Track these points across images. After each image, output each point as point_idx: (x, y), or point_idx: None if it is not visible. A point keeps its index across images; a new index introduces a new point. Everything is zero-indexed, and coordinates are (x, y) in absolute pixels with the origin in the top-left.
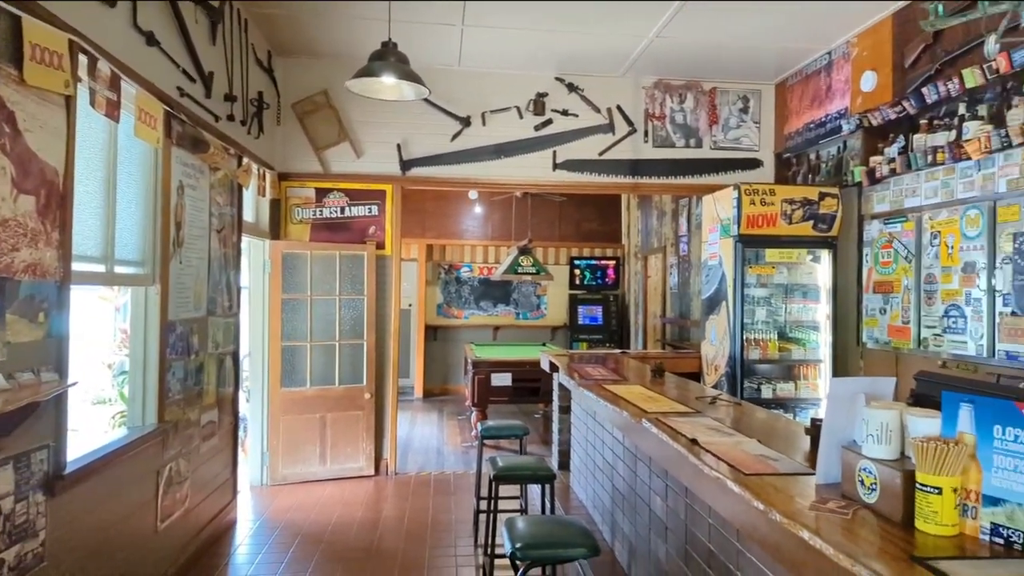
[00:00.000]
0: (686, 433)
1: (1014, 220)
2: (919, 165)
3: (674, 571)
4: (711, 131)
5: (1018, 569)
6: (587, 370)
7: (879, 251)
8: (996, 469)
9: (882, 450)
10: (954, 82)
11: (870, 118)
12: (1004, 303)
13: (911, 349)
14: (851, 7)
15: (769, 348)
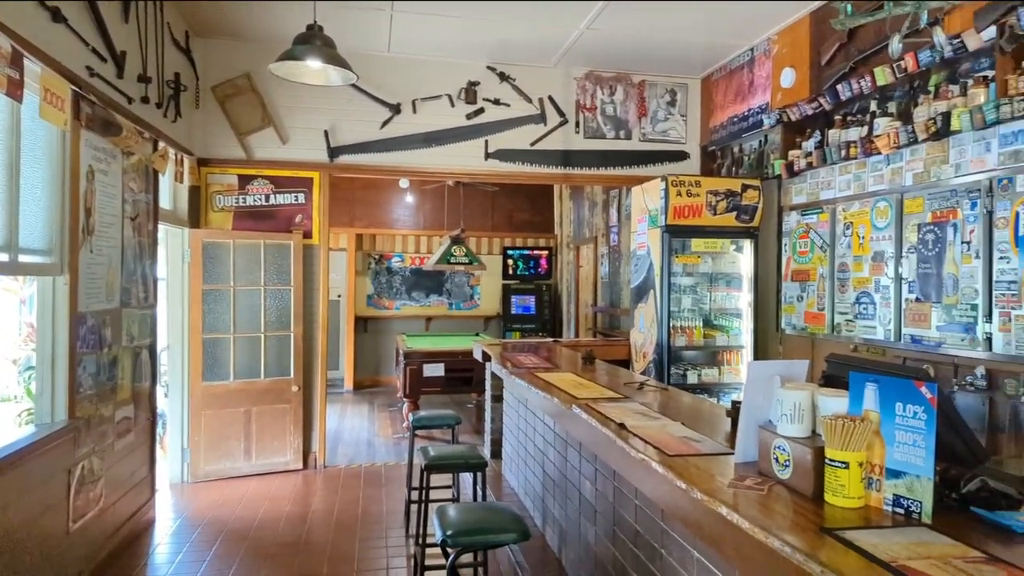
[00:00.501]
0: (615, 418)
1: (919, 212)
2: (834, 159)
3: (603, 552)
4: (640, 123)
5: (917, 536)
6: (519, 359)
7: (797, 241)
8: (898, 444)
9: (795, 428)
10: (866, 80)
11: (789, 113)
12: (909, 290)
13: (826, 334)
14: (771, 6)
15: (695, 335)
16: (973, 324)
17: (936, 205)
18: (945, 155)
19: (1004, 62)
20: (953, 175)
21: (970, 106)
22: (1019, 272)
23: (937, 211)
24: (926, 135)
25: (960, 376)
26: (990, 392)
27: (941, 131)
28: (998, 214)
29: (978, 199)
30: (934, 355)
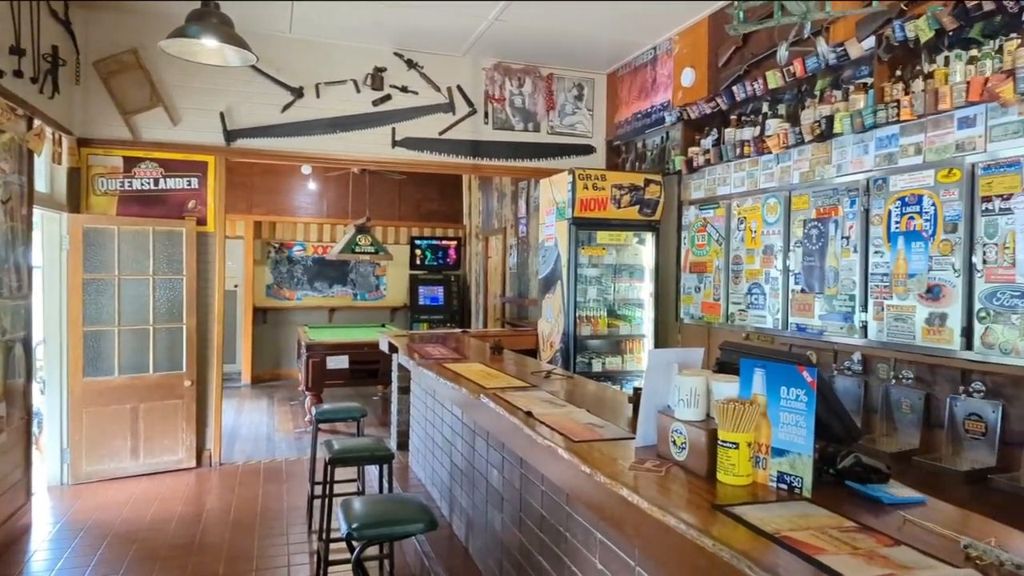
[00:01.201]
0: (522, 406)
1: (805, 208)
2: (729, 157)
3: (509, 539)
4: (548, 116)
5: (798, 509)
6: (427, 350)
7: (695, 234)
8: (782, 425)
9: (691, 412)
10: (759, 83)
11: (689, 111)
12: (795, 282)
13: (721, 323)
14: (672, 6)
15: (599, 324)
16: (851, 313)
17: (820, 202)
18: (828, 156)
19: (881, 70)
20: (835, 175)
21: (851, 111)
22: (891, 265)
23: (821, 208)
24: (812, 137)
25: (839, 361)
26: (865, 376)
27: (825, 133)
28: (873, 211)
29: (856, 197)
30: (817, 342)
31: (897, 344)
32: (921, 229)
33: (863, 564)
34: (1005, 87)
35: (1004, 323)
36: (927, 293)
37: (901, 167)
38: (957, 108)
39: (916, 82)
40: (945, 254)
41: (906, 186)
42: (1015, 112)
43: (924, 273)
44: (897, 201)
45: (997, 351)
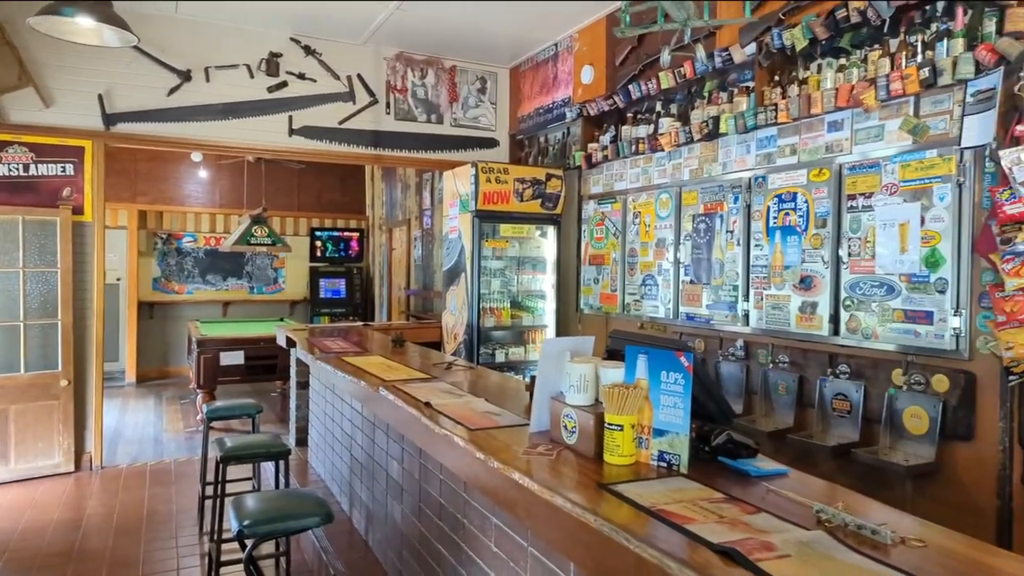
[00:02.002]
0: (420, 397)
1: (693, 204)
2: (625, 153)
3: (409, 529)
4: (452, 108)
5: (675, 484)
6: (327, 344)
7: (594, 228)
8: (662, 407)
9: (581, 398)
10: (653, 83)
11: (588, 108)
12: (685, 273)
13: (618, 313)
14: (572, 5)
15: (503, 316)
16: (735, 303)
17: (707, 198)
18: (715, 154)
19: (762, 75)
20: (721, 172)
21: (734, 112)
22: (769, 258)
23: (708, 203)
24: (700, 136)
25: (724, 348)
26: (747, 361)
27: (712, 133)
28: (755, 207)
29: (740, 194)
30: (705, 330)
31: (774, 331)
32: (795, 224)
33: (726, 530)
34: (868, 94)
35: (865, 311)
36: (800, 283)
37: (779, 166)
38: (827, 113)
39: (792, 87)
40: (816, 247)
41: (783, 184)
42: (876, 117)
43: (798, 265)
44: (775, 198)
45: (859, 336)
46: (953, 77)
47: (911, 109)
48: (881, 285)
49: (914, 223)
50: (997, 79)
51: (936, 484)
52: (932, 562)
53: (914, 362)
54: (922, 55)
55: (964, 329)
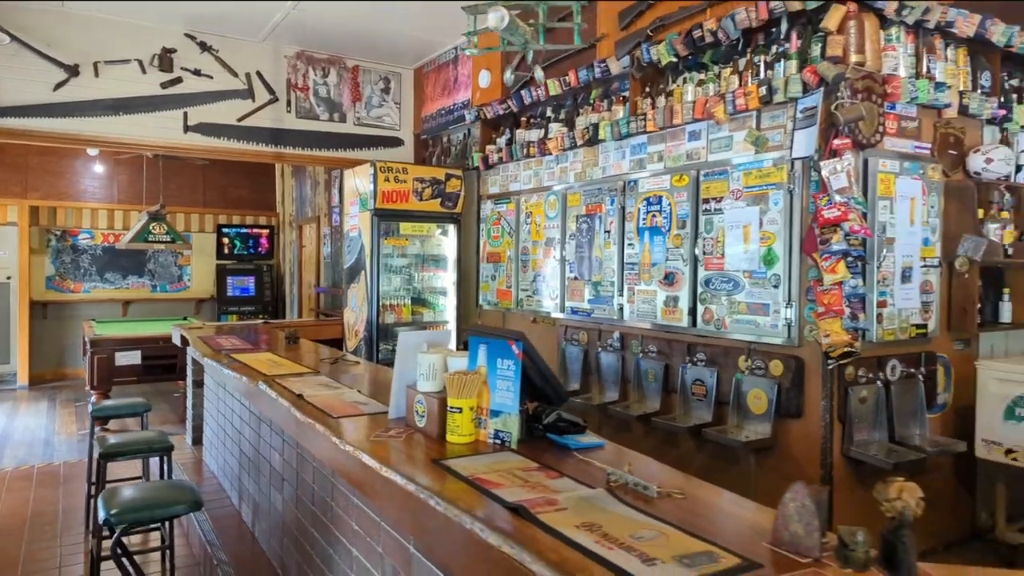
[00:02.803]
0: (295, 390)
1: (577, 205)
2: (518, 156)
3: (289, 517)
4: (355, 108)
5: (502, 458)
6: (219, 342)
7: (491, 227)
8: (498, 390)
9: (430, 385)
10: (542, 89)
11: (486, 111)
12: (570, 270)
13: (513, 309)
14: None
15: (403, 312)
16: (611, 297)
17: (589, 200)
18: (596, 159)
19: (635, 86)
20: (601, 176)
21: (612, 120)
22: (639, 256)
23: (589, 205)
24: (582, 141)
25: (603, 340)
26: (623, 351)
27: (592, 139)
28: (628, 209)
29: (615, 196)
30: (587, 323)
31: (644, 323)
32: (661, 225)
33: (526, 492)
34: (718, 108)
35: (716, 303)
36: (664, 279)
37: (648, 172)
38: (687, 123)
39: (660, 99)
40: (677, 246)
41: (651, 188)
42: (727, 129)
43: (663, 262)
44: (644, 201)
45: (713, 327)
46: (785, 95)
47: (754, 123)
48: (729, 280)
49: (754, 225)
50: (819, 98)
51: (773, 457)
52: (679, 507)
53: (756, 349)
54: (763, 74)
55: (794, 319)
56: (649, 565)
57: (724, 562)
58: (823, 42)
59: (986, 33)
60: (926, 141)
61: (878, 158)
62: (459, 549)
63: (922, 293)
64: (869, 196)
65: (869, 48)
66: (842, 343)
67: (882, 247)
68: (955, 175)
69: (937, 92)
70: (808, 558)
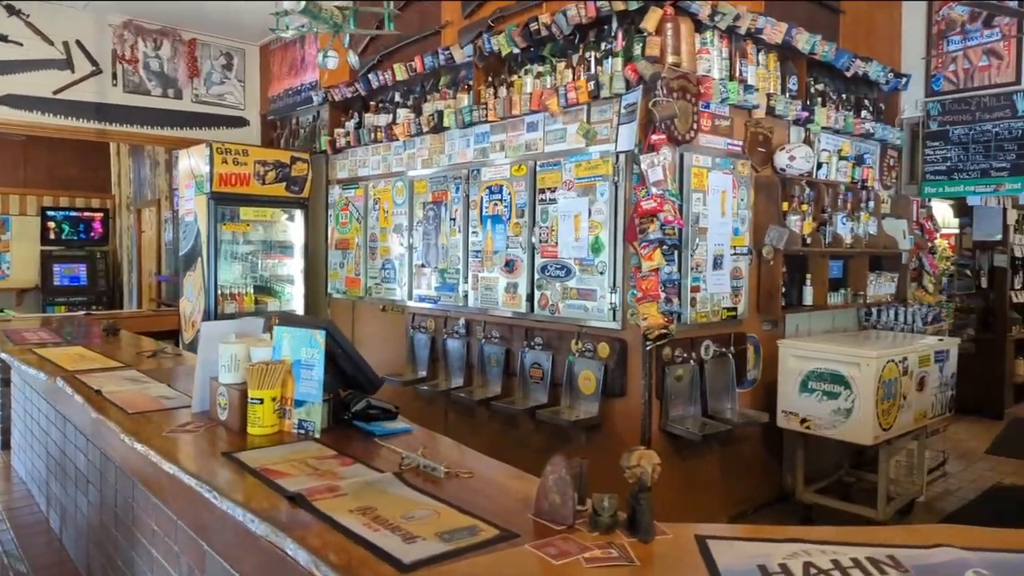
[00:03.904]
0: (95, 386)
1: (424, 192)
2: (365, 141)
3: (95, 520)
4: (192, 84)
5: (301, 447)
6: (25, 336)
7: (339, 213)
8: (302, 380)
9: (232, 376)
10: (389, 73)
11: (334, 94)
12: (418, 258)
13: (362, 297)
14: None
15: (245, 301)
16: (457, 284)
17: (435, 187)
18: (442, 147)
19: (479, 75)
20: (447, 163)
21: (456, 108)
22: (483, 243)
23: (436, 192)
24: (428, 128)
25: (449, 327)
26: (468, 337)
27: (438, 126)
28: (472, 197)
29: (460, 184)
30: (435, 310)
31: (488, 309)
32: (502, 214)
33: (312, 480)
34: (552, 100)
35: (551, 290)
36: (505, 267)
37: (490, 161)
38: (525, 114)
39: (502, 89)
40: (516, 235)
41: (493, 177)
42: (560, 121)
43: (504, 250)
44: (487, 189)
45: (548, 312)
46: (610, 91)
47: (585, 116)
48: (562, 267)
49: (584, 215)
50: (639, 95)
51: (601, 435)
52: (463, 486)
53: (586, 333)
54: (593, 70)
55: (619, 304)
56: (409, 543)
57: (483, 535)
58: (643, 42)
59: (792, 40)
60: (738, 139)
61: (693, 153)
62: (234, 540)
63: (732, 279)
64: (684, 189)
65: (685, 50)
66: (658, 325)
67: (696, 236)
68: (764, 171)
69: (747, 94)
70: (563, 526)
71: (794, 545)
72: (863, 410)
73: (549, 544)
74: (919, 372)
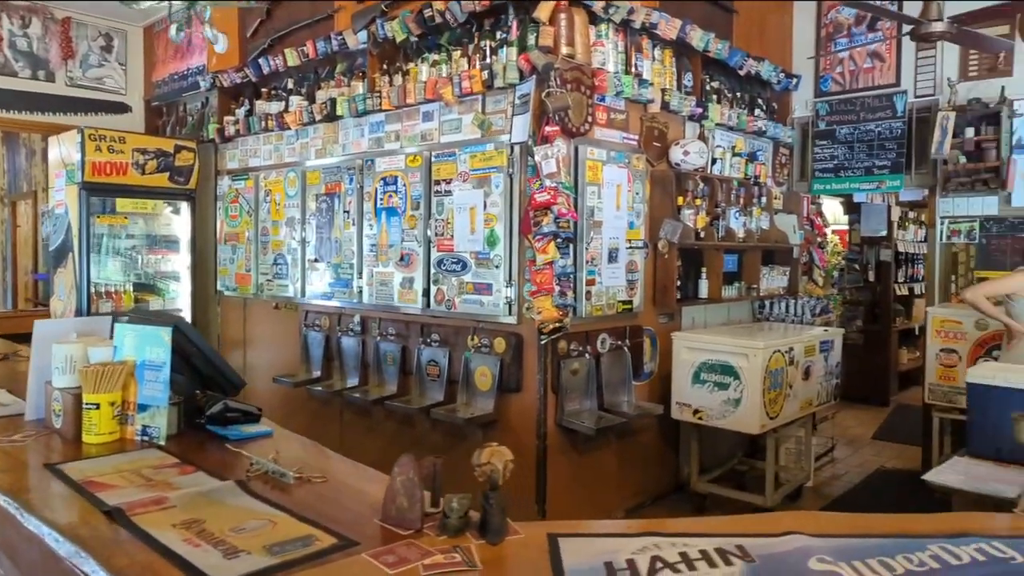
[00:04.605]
0: None
1: (317, 183)
2: (256, 129)
3: None
4: (67, 66)
5: (139, 456)
6: None
7: (229, 205)
8: (147, 382)
9: (67, 380)
10: (280, 59)
11: (222, 79)
12: (311, 252)
13: (253, 294)
14: None
15: (124, 300)
16: (351, 280)
17: (328, 178)
18: (336, 136)
19: (373, 62)
20: (341, 153)
21: (350, 96)
22: (377, 236)
23: (329, 183)
24: (321, 117)
25: (344, 324)
26: (363, 335)
27: (331, 115)
28: (367, 189)
29: (354, 175)
30: (329, 307)
31: (383, 305)
32: (397, 206)
33: (140, 491)
34: (446, 89)
35: (447, 284)
36: (400, 261)
37: (385, 151)
38: (421, 104)
39: (397, 77)
40: (412, 228)
41: (387, 168)
42: (456, 111)
43: (399, 244)
44: (381, 181)
45: (444, 307)
46: (504, 81)
47: (480, 106)
48: (458, 261)
49: (479, 207)
50: (531, 86)
51: (498, 431)
52: (311, 492)
53: (482, 328)
54: (489, 59)
55: (514, 298)
56: (231, 558)
57: (318, 544)
58: (537, 32)
59: (686, 37)
60: (633, 133)
61: (588, 146)
62: (40, 561)
63: (628, 272)
64: (579, 182)
65: (580, 42)
66: (553, 319)
67: (590, 229)
68: (659, 165)
69: (641, 88)
70: (410, 530)
71: (647, 539)
72: (751, 400)
73: (389, 551)
74: (805, 362)
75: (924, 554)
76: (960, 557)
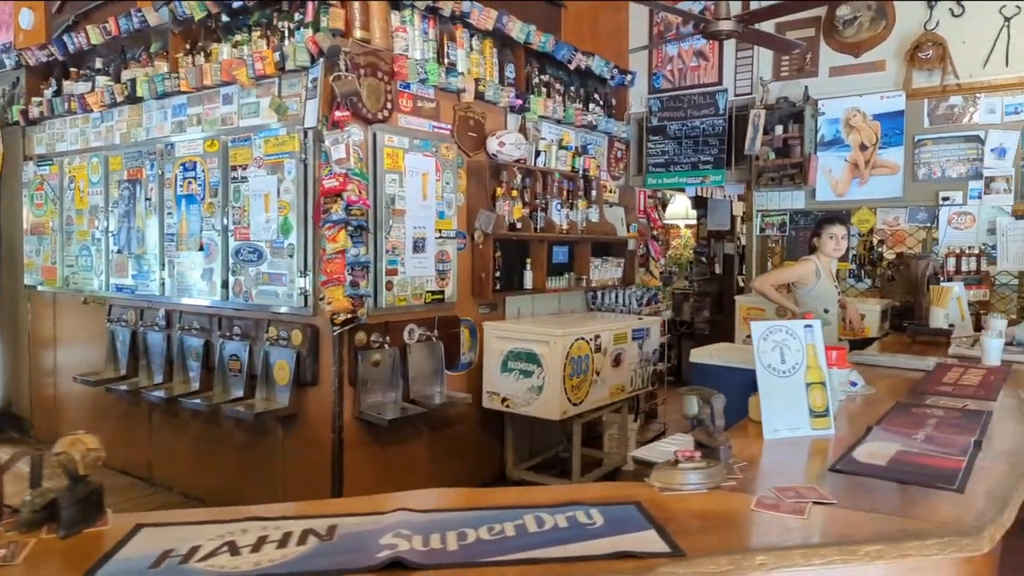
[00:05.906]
0: None
1: (120, 169)
2: (59, 111)
3: None
4: None
5: None
6: None
7: (34, 193)
8: None
9: None
10: (84, 36)
11: (27, 57)
12: (115, 243)
13: (59, 288)
14: None
15: None
16: (154, 271)
17: (130, 164)
18: (140, 119)
19: (176, 41)
20: (144, 138)
21: (151, 76)
22: (178, 225)
23: (131, 169)
24: (123, 98)
25: (147, 318)
26: (169, 330)
27: (131, 96)
28: (167, 175)
29: (155, 160)
30: (134, 301)
31: (186, 298)
32: (196, 193)
33: None
34: (241, 71)
35: (245, 275)
36: (200, 251)
37: (187, 135)
38: (219, 85)
39: (200, 57)
40: (211, 215)
41: (187, 153)
42: (254, 94)
43: (199, 233)
44: (181, 166)
45: (242, 299)
46: (295, 63)
47: (276, 90)
48: (255, 251)
49: (273, 194)
50: (320, 69)
51: (297, 426)
52: None
53: (279, 320)
54: (286, 40)
55: (309, 288)
56: None
57: None
58: (328, 14)
59: (504, 28)
60: (445, 122)
61: (388, 134)
62: None
63: (438, 262)
64: (377, 169)
65: (377, 27)
66: (344, 309)
67: (391, 218)
68: (477, 156)
69: (450, 77)
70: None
71: (242, 524)
72: (552, 387)
73: None
74: (614, 349)
75: (511, 524)
76: (544, 524)
